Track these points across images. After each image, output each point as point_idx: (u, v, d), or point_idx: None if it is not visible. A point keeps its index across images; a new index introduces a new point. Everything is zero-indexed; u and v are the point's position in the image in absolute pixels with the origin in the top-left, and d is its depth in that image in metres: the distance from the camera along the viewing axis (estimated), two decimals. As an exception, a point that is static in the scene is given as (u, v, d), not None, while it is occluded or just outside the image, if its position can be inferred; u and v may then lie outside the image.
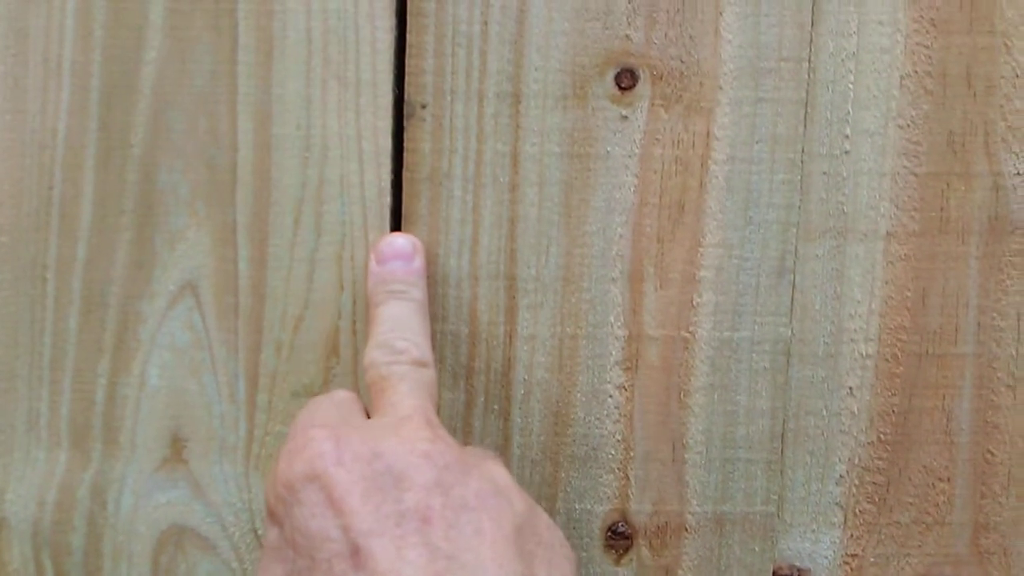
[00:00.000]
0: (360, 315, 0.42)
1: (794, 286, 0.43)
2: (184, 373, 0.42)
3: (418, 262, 0.39)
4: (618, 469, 0.44)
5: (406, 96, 0.41)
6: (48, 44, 0.40)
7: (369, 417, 0.35)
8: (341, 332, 0.42)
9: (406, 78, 0.41)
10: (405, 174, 0.41)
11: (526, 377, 0.43)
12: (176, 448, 0.42)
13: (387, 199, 0.42)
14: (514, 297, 0.43)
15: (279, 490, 0.30)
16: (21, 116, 0.40)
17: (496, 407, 0.43)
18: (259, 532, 0.43)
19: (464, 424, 0.43)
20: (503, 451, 0.43)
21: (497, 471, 0.33)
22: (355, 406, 0.35)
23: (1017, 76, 0.41)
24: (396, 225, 0.42)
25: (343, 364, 0.43)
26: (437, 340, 0.42)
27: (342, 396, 0.36)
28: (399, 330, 0.37)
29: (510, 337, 0.43)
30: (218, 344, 0.42)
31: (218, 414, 0.43)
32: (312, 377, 0.43)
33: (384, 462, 0.30)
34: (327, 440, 0.31)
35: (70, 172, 0.40)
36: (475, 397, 0.43)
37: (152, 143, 0.40)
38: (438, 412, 0.36)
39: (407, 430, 0.31)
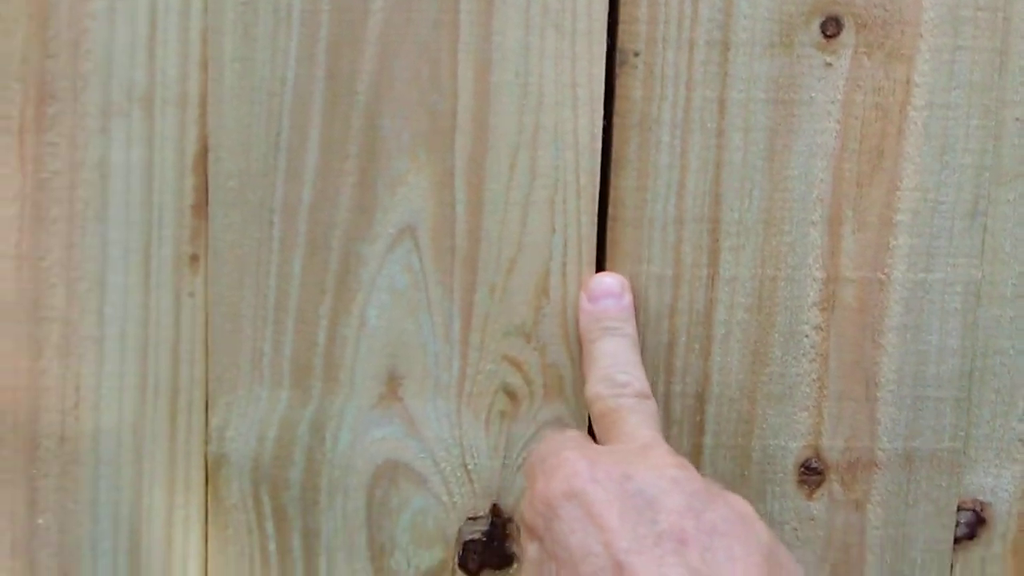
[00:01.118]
0: (571, 258, 0.44)
1: (985, 229, 0.44)
2: (402, 314, 0.42)
3: (627, 299, 0.41)
4: (812, 407, 0.45)
5: (619, 44, 0.43)
6: None
7: None
8: (552, 274, 0.43)
9: (619, 27, 0.42)
10: (616, 120, 0.42)
11: (726, 318, 0.44)
12: (392, 386, 0.43)
13: (598, 144, 0.43)
14: (717, 240, 0.44)
15: (538, 507, 0.31)
16: (250, 64, 0.41)
17: (697, 346, 0.44)
18: (468, 467, 0.45)
19: (666, 363, 0.44)
20: (703, 389, 0.44)
21: (740, 501, 0.33)
22: (589, 439, 0.37)
23: None
24: (606, 171, 0.43)
25: (552, 305, 0.44)
26: (642, 281, 0.44)
27: (575, 432, 0.38)
28: (619, 365, 0.39)
29: (712, 279, 0.44)
30: (434, 285, 0.43)
31: (432, 353, 0.44)
32: (523, 317, 0.44)
33: (635, 484, 0.31)
34: (581, 460, 0.32)
35: (297, 119, 0.41)
36: (677, 337, 0.44)
37: (376, 91, 0.41)
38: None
39: (654, 457, 0.33)
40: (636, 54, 0.41)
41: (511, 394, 0.43)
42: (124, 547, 0.43)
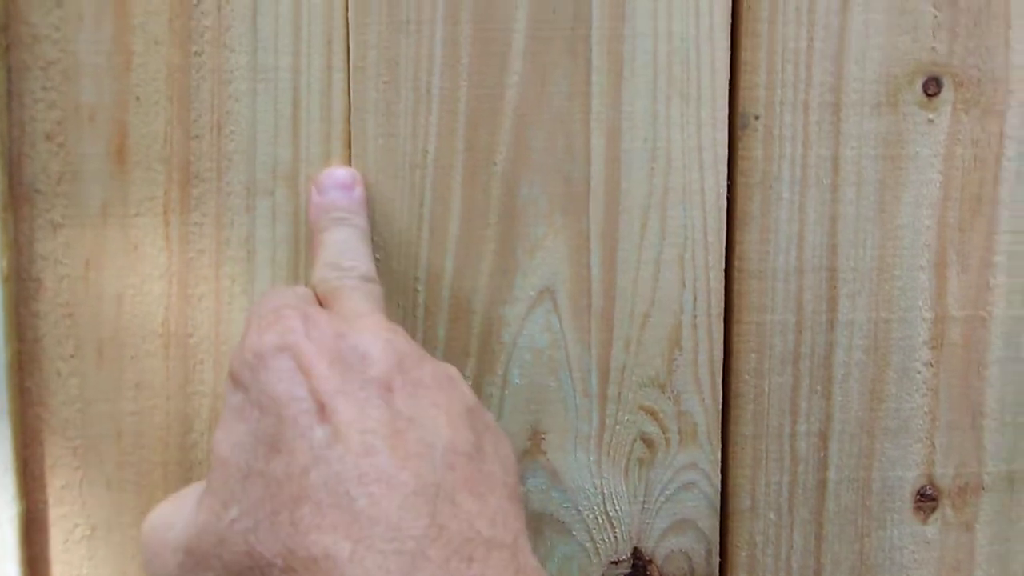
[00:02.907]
0: (700, 310, 0.45)
1: (1075, 266, 0.47)
2: (543, 371, 0.42)
3: (358, 192, 0.39)
4: (925, 438, 0.47)
5: (740, 108, 0.44)
6: (418, 72, 0.40)
7: None
8: (683, 327, 0.43)
9: (740, 92, 0.44)
10: (739, 179, 0.42)
11: (845, 359, 0.46)
12: (535, 440, 0.43)
13: (723, 203, 0.45)
14: (835, 287, 0.45)
15: (247, 357, 0.30)
16: (394, 140, 0.41)
17: (819, 388, 0.46)
18: (610, 514, 0.46)
19: (791, 405, 0.46)
20: (825, 428, 0.47)
21: (447, 365, 0.33)
22: (315, 300, 0.35)
23: None
24: (731, 227, 0.45)
25: (685, 355, 0.45)
26: (767, 329, 0.46)
27: (304, 290, 0.36)
28: (345, 252, 0.37)
29: (831, 323, 0.46)
30: (573, 343, 0.43)
31: (573, 407, 0.45)
32: (657, 369, 0.45)
33: (349, 342, 0.30)
34: (296, 318, 0.31)
35: (439, 190, 0.41)
36: (800, 380, 0.46)
37: (514, 160, 0.41)
38: None
39: (369, 322, 0.32)
40: (756, 117, 0.43)
41: (648, 442, 0.44)
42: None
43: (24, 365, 0.40)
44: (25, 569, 0.40)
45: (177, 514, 0.30)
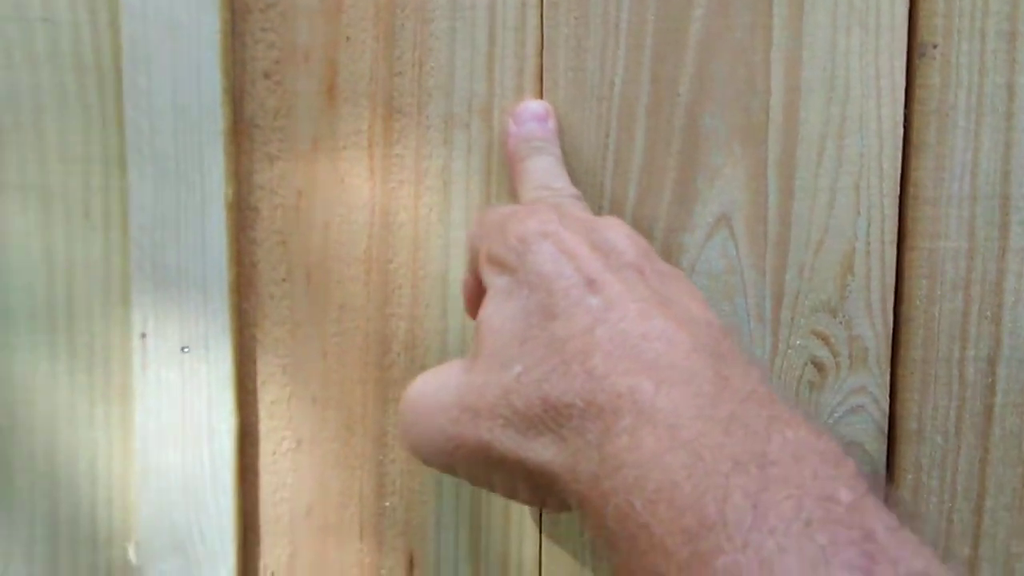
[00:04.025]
0: (874, 237, 0.47)
1: None
2: (719, 296, 0.44)
3: (551, 123, 0.41)
4: (1095, 363, 0.48)
5: (918, 37, 0.46)
6: (607, 7, 0.42)
7: None
8: (857, 253, 0.44)
9: (918, 21, 0.45)
10: (915, 107, 0.44)
11: (1016, 286, 0.47)
12: None
13: (900, 131, 0.46)
14: (1007, 214, 0.46)
15: (511, 243, 0.32)
16: (582, 73, 0.43)
17: (989, 314, 0.47)
18: None
19: (961, 330, 0.47)
20: (994, 353, 0.48)
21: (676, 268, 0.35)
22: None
23: None
24: (906, 155, 0.46)
25: (857, 281, 0.46)
26: (939, 255, 0.47)
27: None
28: (552, 175, 0.39)
29: (1003, 250, 0.47)
30: (748, 269, 0.45)
31: (747, 332, 0.46)
32: (830, 294, 0.47)
33: (600, 234, 0.33)
34: (551, 211, 0.34)
35: (624, 121, 0.43)
36: (971, 306, 0.47)
37: (697, 91, 0.43)
38: None
39: (609, 220, 0.35)
40: (934, 46, 0.44)
41: (819, 366, 0.46)
42: (465, 523, 0.46)
43: (241, 288, 0.43)
44: (238, 478, 0.43)
45: (447, 379, 0.32)
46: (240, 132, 0.42)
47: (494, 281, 0.32)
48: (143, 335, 0.41)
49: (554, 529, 0.45)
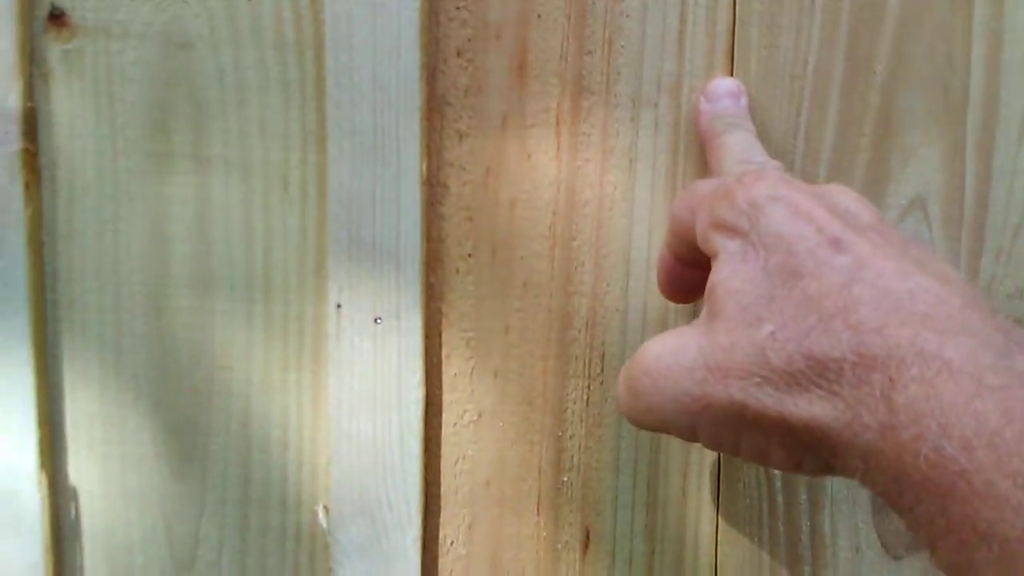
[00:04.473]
0: (1077, 221, 0.45)
1: None
2: None
3: (744, 100, 0.41)
4: None
5: None
6: None
7: None
8: None
9: None
10: None
11: None
12: None
13: None
14: None
15: (741, 206, 0.31)
16: (775, 51, 0.42)
17: None
18: None
19: None
20: None
21: None
22: None
23: None
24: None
25: (1057, 267, 0.46)
26: None
27: None
28: (751, 150, 0.39)
29: None
30: (943, 252, 0.43)
31: None
32: None
33: (831, 199, 0.31)
34: (777, 175, 0.33)
35: (817, 99, 0.42)
36: None
37: (893, 69, 0.42)
38: None
39: (836, 186, 0.33)
40: None
41: (1013, 353, 0.45)
42: (642, 500, 0.46)
43: (430, 262, 0.44)
44: (423, 448, 0.44)
45: (685, 342, 0.31)
46: (432, 109, 0.43)
47: (725, 244, 0.31)
48: (338, 305, 0.43)
49: (731, 508, 0.45)
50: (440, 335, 0.45)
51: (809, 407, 0.28)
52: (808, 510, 0.45)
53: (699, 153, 0.43)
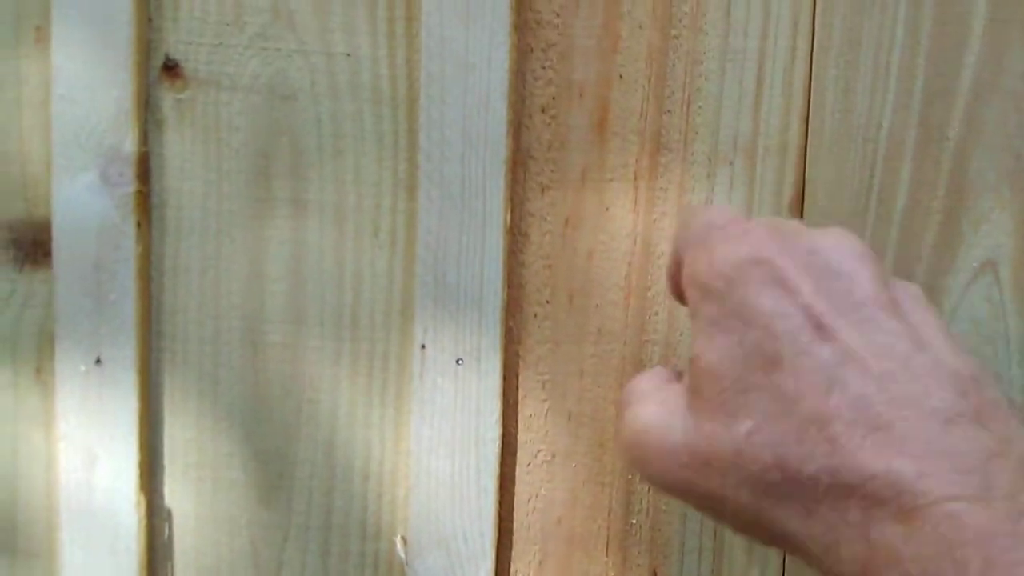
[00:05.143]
0: None
1: None
2: (981, 342, 0.44)
3: None
4: None
5: None
6: (878, 51, 0.43)
7: None
8: None
9: None
10: None
11: None
12: None
13: None
14: None
15: (718, 267, 0.29)
16: (849, 115, 0.44)
17: None
18: None
19: None
20: None
21: (911, 284, 0.31)
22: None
23: None
24: None
25: None
26: None
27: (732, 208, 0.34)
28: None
29: None
30: (1013, 315, 0.44)
31: (1007, 378, 0.44)
32: None
33: (822, 258, 0.28)
34: (766, 231, 0.30)
35: (890, 163, 0.44)
36: None
37: (966, 135, 0.43)
38: None
39: (837, 233, 0.30)
40: None
41: (1082, 416, 0.45)
42: (709, 546, 0.48)
43: (509, 307, 0.46)
44: (497, 485, 0.46)
45: (671, 418, 0.30)
46: (516, 163, 0.45)
47: (700, 309, 0.29)
48: (423, 346, 0.45)
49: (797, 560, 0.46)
50: (517, 377, 0.47)
51: (787, 521, 0.27)
52: (872, 562, 0.46)
53: (772, 211, 0.45)
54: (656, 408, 0.31)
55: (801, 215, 0.45)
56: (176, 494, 0.47)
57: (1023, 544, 0.24)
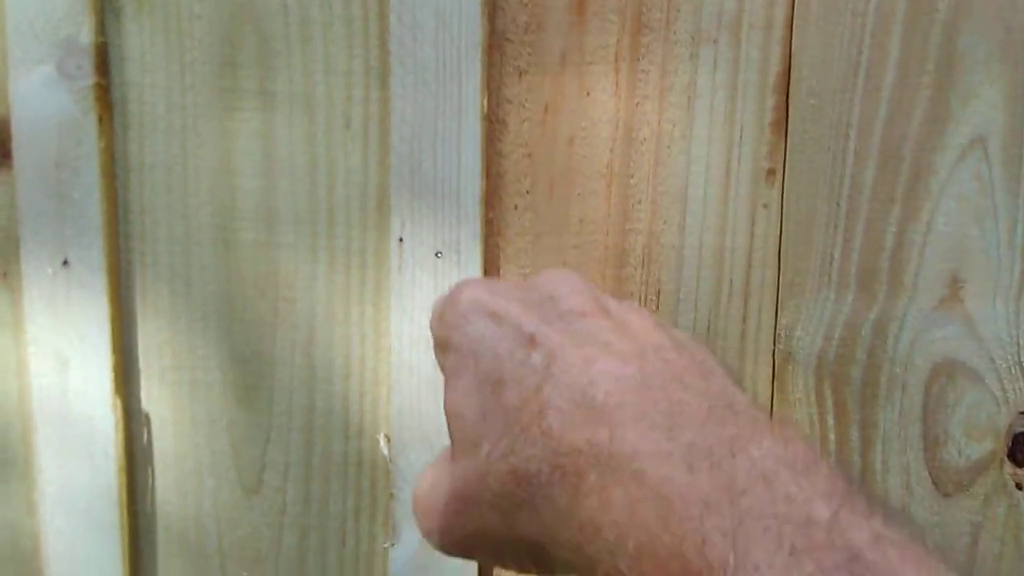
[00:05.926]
0: None
1: None
2: (967, 220, 0.43)
3: None
4: None
5: None
6: None
7: None
8: None
9: None
10: None
11: None
12: (954, 289, 0.44)
13: None
14: None
15: (448, 320, 0.31)
16: None
17: None
18: (1023, 365, 0.48)
19: None
20: None
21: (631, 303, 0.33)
22: None
23: None
24: None
25: (1117, 208, 0.46)
26: None
27: None
28: None
29: None
30: (1001, 192, 0.44)
31: (995, 257, 0.46)
32: None
33: (536, 292, 0.31)
34: (478, 281, 0.34)
35: (878, 38, 0.42)
36: None
37: (955, 8, 0.42)
38: None
39: (547, 273, 0.33)
40: None
41: (1069, 294, 0.45)
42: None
43: (489, 198, 0.45)
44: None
45: (439, 474, 0.32)
46: (492, 46, 0.44)
47: (444, 363, 0.32)
48: (400, 239, 0.44)
49: None
50: (498, 270, 0.46)
51: (526, 525, 0.28)
52: (860, 447, 0.46)
53: (757, 90, 0.44)
54: (428, 474, 0.33)
55: (787, 94, 0.44)
56: (153, 398, 0.46)
57: (695, 485, 0.25)
